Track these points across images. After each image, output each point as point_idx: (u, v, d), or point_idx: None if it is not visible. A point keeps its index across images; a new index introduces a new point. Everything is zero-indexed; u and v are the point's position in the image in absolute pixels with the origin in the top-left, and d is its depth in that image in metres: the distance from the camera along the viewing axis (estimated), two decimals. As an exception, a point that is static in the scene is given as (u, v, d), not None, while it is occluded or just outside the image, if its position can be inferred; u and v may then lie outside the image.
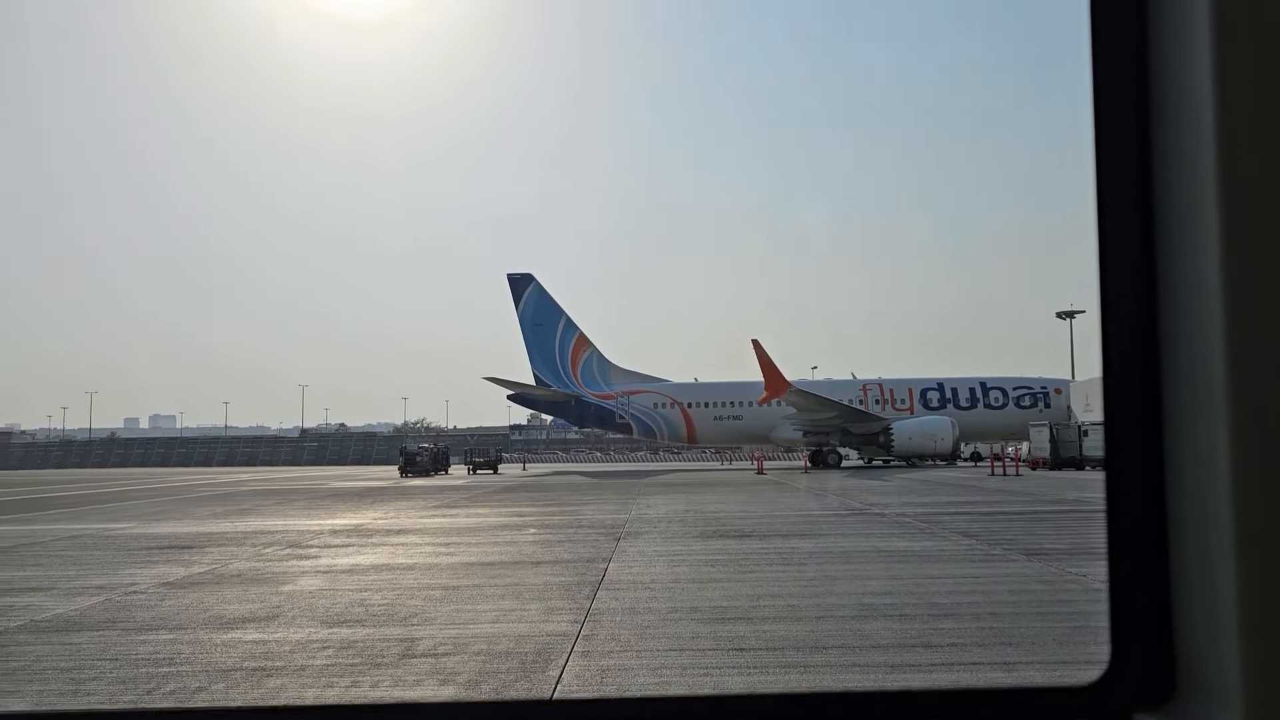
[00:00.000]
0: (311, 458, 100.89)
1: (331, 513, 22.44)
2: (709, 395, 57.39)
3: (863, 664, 6.41)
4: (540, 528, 17.42)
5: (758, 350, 48.35)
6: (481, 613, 8.63)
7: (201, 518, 21.36)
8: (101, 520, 20.97)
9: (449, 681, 6.07)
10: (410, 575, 11.24)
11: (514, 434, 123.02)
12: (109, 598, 9.77)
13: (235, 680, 6.22)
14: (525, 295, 60.27)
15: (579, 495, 28.71)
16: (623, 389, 58.13)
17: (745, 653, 6.78)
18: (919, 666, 6.35)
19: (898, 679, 6.08)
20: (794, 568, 11.49)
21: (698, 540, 14.69)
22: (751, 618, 8.13)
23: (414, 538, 15.87)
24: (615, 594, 9.49)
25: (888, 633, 7.49)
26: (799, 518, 18.98)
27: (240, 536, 16.46)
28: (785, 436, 55.32)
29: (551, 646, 7.05)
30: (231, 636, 7.69)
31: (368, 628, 7.98)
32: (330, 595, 9.79)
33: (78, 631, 8.01)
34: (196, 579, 11.13)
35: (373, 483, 41.42)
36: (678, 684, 5.93)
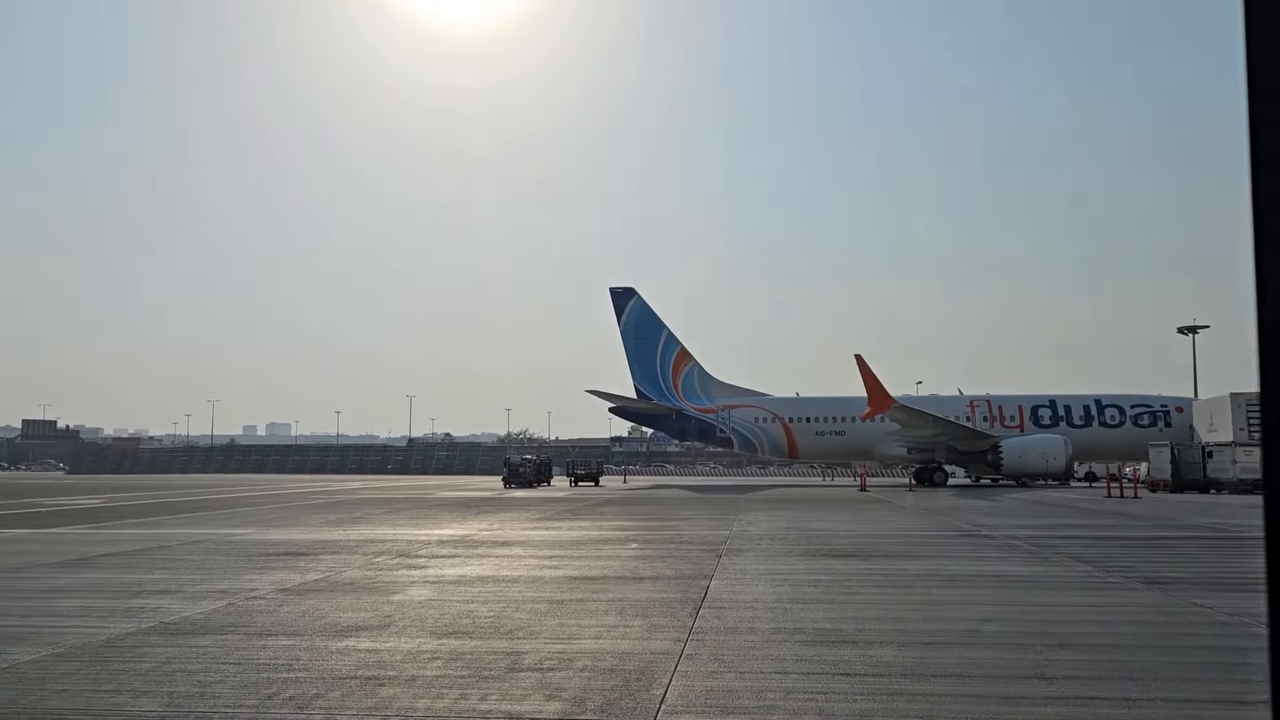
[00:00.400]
0: (418, 466, 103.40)
1: (438, 523, 22.96)
2: (811, 410, 56.76)
3: (974, 694, 6.25)
4: (642, 543, 17.49)
5: (861, 365, 47.65)
6: (585, 628, 8.71)
7: (315, 525, 22.11)
8: (223, 526, 21.91)
9: (555, 697, 6.15)
10: (515, 588, 11.42)
11: (615, 446, 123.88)
12: (231, 602, 10.21)
13: (350, 689, 6.42)
14: (627, 309, 60.73)
15: (680, 510, 28.71)
16: (723, 403, 57.98)
17: (852, 678, 6.68)
18: (1033, 699, 6.15)
19: (1011, 711, 5.91)
20: (900, 590, 11.27)
21: (800, 559, 14.54)
22: (857, 641, 8.00)
23: (518, 550, 16.12)
24: (718, 612, 9.47)
25: (999, 662, 7.28)
26: (904, 538, 18.60)
27: (352, 545, 16.98)
28: (889, 453, 54.34)
29: (655, 665, 7.07)
30: (346, 644, 7.94)
31: (475, 640, 8.14)
32: (439, 606, 10.02)
33: (203, 635, 8.39)
34: (312, 586, 11.53)
35: (477, 493, 42.20)
36: (783, 708, 5.88)
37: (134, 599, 10.47)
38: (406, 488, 50.78)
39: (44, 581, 12.04)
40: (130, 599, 10.47)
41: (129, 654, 7.54)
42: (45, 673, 6.89)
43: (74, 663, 7.22)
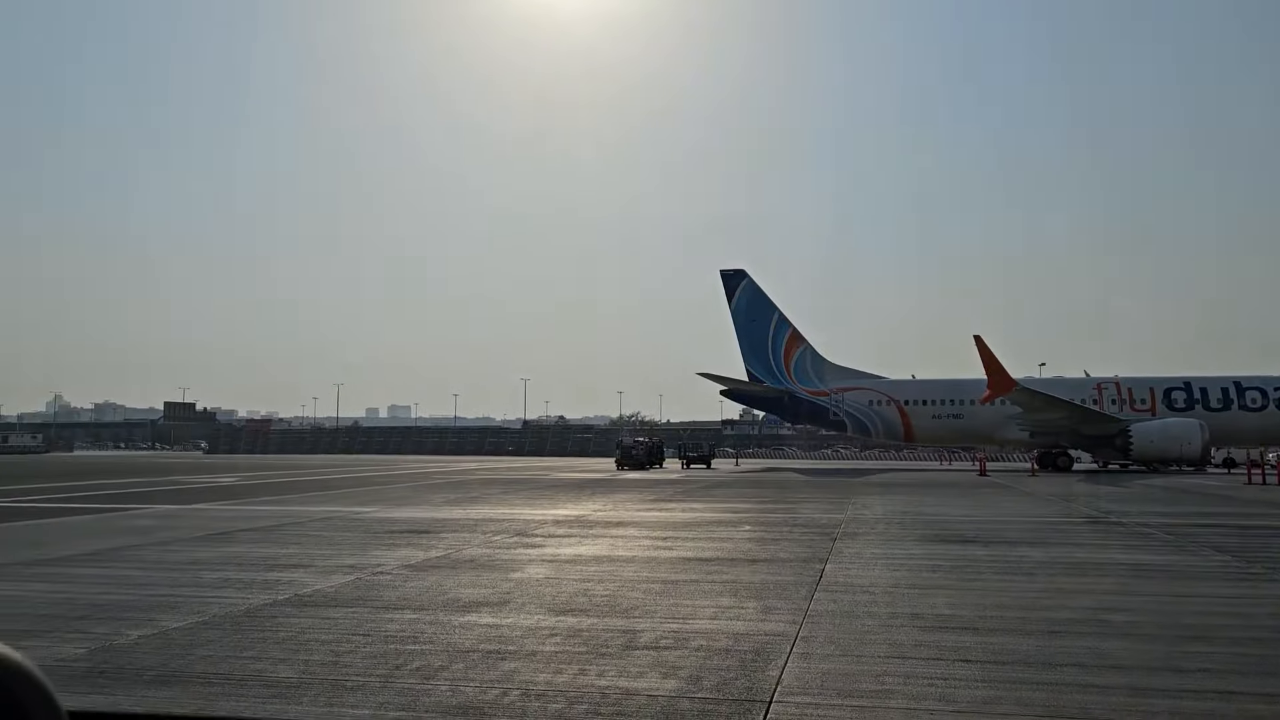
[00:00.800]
0: (533, 448, 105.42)
1: (554, 503, 23.38)
2: (927, 393, 55.46)
3: (1101, 685, 6.04)
4: (755, 525, 17.45)
5: (980, 346, 46.30)
6: (700, 608, 8.76)
7: (436, 504, 22.80)
8: (350, 504, 22.79)
9: (671, 676, 6.22)
10: (630, 568, 11.55)
11: (726, 429, 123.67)
12: (359, 577, 10.63)
13: (473, 661, 6.62)
14: (738, 291, 60.42)
15: (793, 493, 28.52)
16: (836, 385, 57.18)
17: (972, 664, 6.54)
18: (1166, 691, 5.91)
19: (1142, 704, 5.70)
20: (1023, 578, 10.96)
21: (918, 544, 14.27)
22: (977, 628, 7.83)
23: (633, 530, 16.29)
24: (833, 596, 9.39)
25: (1128, 653, 7.01)
26: (1027, 523, 18.05)
27: (471, 523, 17.45)
28: (1010, 437, 52.69)
29: (770, 646, 7.07)
30: (468, 619, 8.18)
31: (592, 617, 8.28)
32: (556, 584, 10.23)
33: (334, 607, 8.77)
34: (434, 562, 11.91)
35: (591, 474, 42.76)
36: (902, 693, 5.81)
37: (270, 572, 11.01)
38: (522, 469, 51.84)
39: (189, 554, 12.77)
40: (266, 572, 11.01)
41: (267, 624, 7.94)
42: (192, 639, 7.32)
43: (217, 630, 7.65)
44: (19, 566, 11.44)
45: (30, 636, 7.35)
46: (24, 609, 8.59)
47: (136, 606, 8.70)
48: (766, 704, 5.55)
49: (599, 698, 5.72)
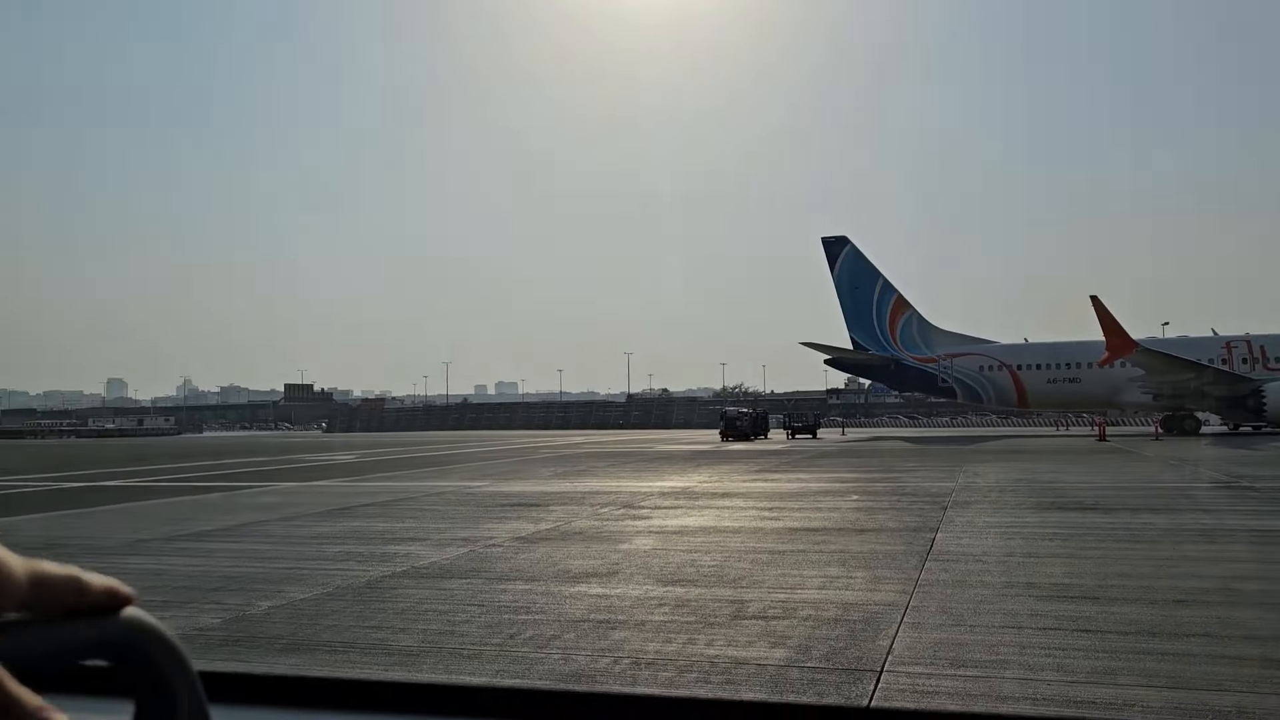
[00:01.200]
0: (637, 421, 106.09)
1: (659, 475, 23.54)
2: (1041, 356, 53.60)
3: (1232, 655, 5.81)
4: (863, 495, 17.25)
5: (1098, 307, 44.46)
6: (808, 578, 8.73)
7: (544, 478, 23.21)
8: (461, 479, 23.40)
9: (780, 645, 6.23)
10: (737, 538, 11.58)
11: (831, 398, 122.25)
12: (473, 549, 10.93)
13: (583, 631, 6.76)
14: (840, 258, 59.41)
15: (901, 461, 28.05)
16: (945, 351, 55.81)
17: (1092, 634, 6.36)
18: (1303, 663, 5.65)
19: (1276, 675, 5.46)
20: (1146, 545, 10.57)
21: (1033, 512, 13.90)
22: (1098, 598, 7.60)
23: (739, 501, 16.30)
24: (944, 565, 9.24)
25: (1262, 623, 6.71)
26: (1150, 490, 17.37)
27: (579, 496, 17.72)
28: (1132, 400, 50.59)
29: (880, 616, 7.01)
30: (578, 590, 8.34)
31: (700, 588, 8.34)
32: (663, 555, 10.33)
33: (450, 578, 9.05)
34: (544, 534, 12.16)
35: (695, 446, 42.86)
36: (1017, 663, 5.70)
37: (388, 545, 11.41)
38: (627, 441, 52.32)
39: (312, 529, 13.32)
40: (385, 545, 11.42)
41: (387, 594, 8.25)
42: (318, 609, 7.66)
43: (341, 601, 7.98)
44: (159, 542, 12.12)
45: (171, 607, 7.80)
46: (164, 581, 9.12)
47: (266, 579, 9.14)
48: (877, 673, 5.52)
49: (708, 666, 5.77)
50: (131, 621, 0.65)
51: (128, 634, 0.65)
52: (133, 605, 0.66)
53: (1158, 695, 5.08)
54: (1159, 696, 5.05)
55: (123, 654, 0.65)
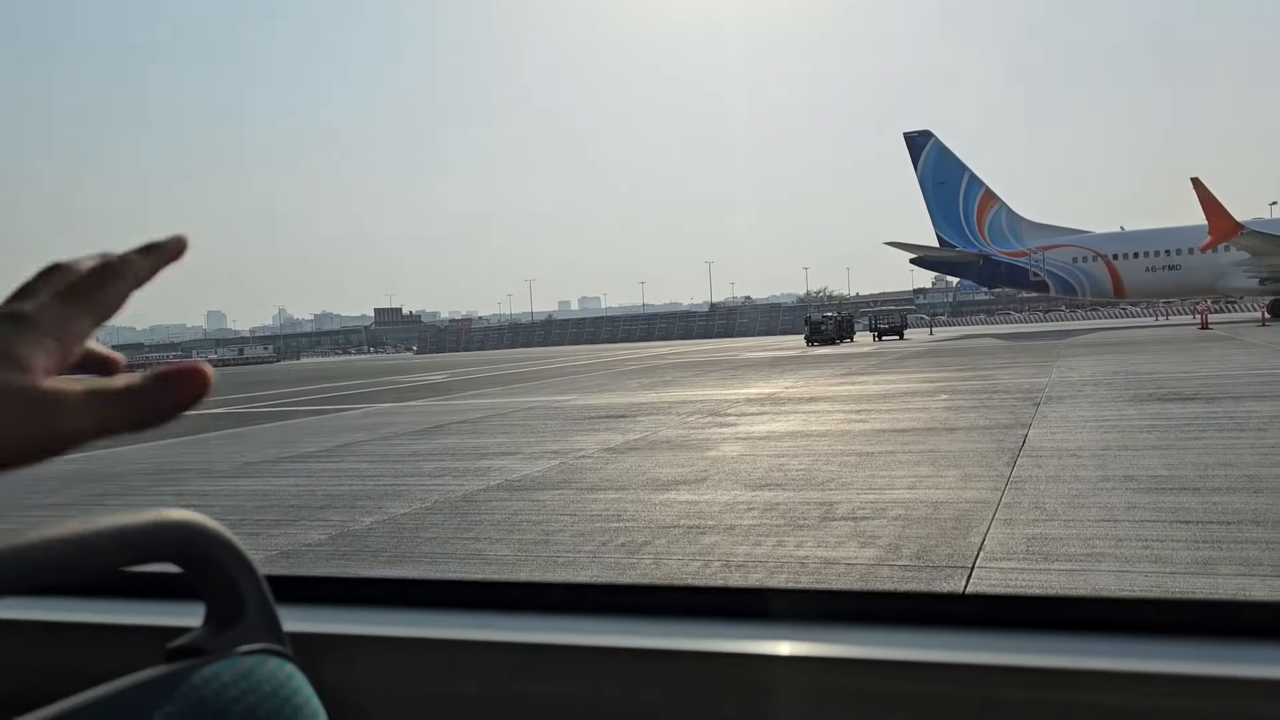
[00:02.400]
0: (721, 330, 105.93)
1: (745, 382, 23.56)
2: (1138, 245, 51.55)
3: (1342, 543, 5.64)
4: (952, 394, 17.01)
5: (1199, 189, 42.36)
6: (896, 479, 8.71)
7: (631, 389, 23.46)
8: (549, 394, 23.80)
9: (869, 545, 6.26)
10: (824, 442, 11.58)
11: (918, 298, 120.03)
12: (563, 461, 11.17)
13: (674, 536, 6.89)
14: (924, 154, 57.60)
15: (991, 359, 27.52)
16: (1036, 244, 54.10)
17: (1192, 525, 6.23)
18: None
19: (1390, 561, 5.30)
20: (1250, 434, 10.22)
21: (1129, 405, 13.54)
22: (1199, 489, 7.42)
23: (824, 405, 16.25)
24: (1037, 461, 9.10)
25: (1376, 508, 6.49)
26: (1256, 377, 16.72)
27: (666, 406, 17.88)
28: (1237, 285, 48.46)
29: (971, 513, 6.97)
30: (667, 497, 8.48)
31: (788, 491, 8.40)
32: (750, 460, 10.40)
33: (542, 490, 9.28)
34: (633, 445, 12.33)
35: (780, 353, 42.69)
36: (1114, 556, 5.63)
37: (481, 460, 11.74)
38: (711, 351, 52.35)
39: (409, 447, 13.76)
40: (478, 460, 11.75)
41: (482, 507, 8.52)
42: (419, 523, 7.96)
43: (439, 515, 8.27)
44: (267, 464, 12.68)
45: (280, 525, 8.20)
46: (273, 501, 9.56)
47: (367, 495, 9.51)
48: (969, 570, 5.52)
49: (798, 567, 5.85)
50: (192, 525, 0.69)
51: (189, 537, 0.69)
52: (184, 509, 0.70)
53: (1261, 584, 4.97)
54: (1264, 585, 4.95)
55: (187, 558, 0.69)
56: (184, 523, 0.68)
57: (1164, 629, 0.92)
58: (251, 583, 0.72)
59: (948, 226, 57.06)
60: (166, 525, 0.67)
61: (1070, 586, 5.17)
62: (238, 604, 0.71)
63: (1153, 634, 0.91)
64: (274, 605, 0.74)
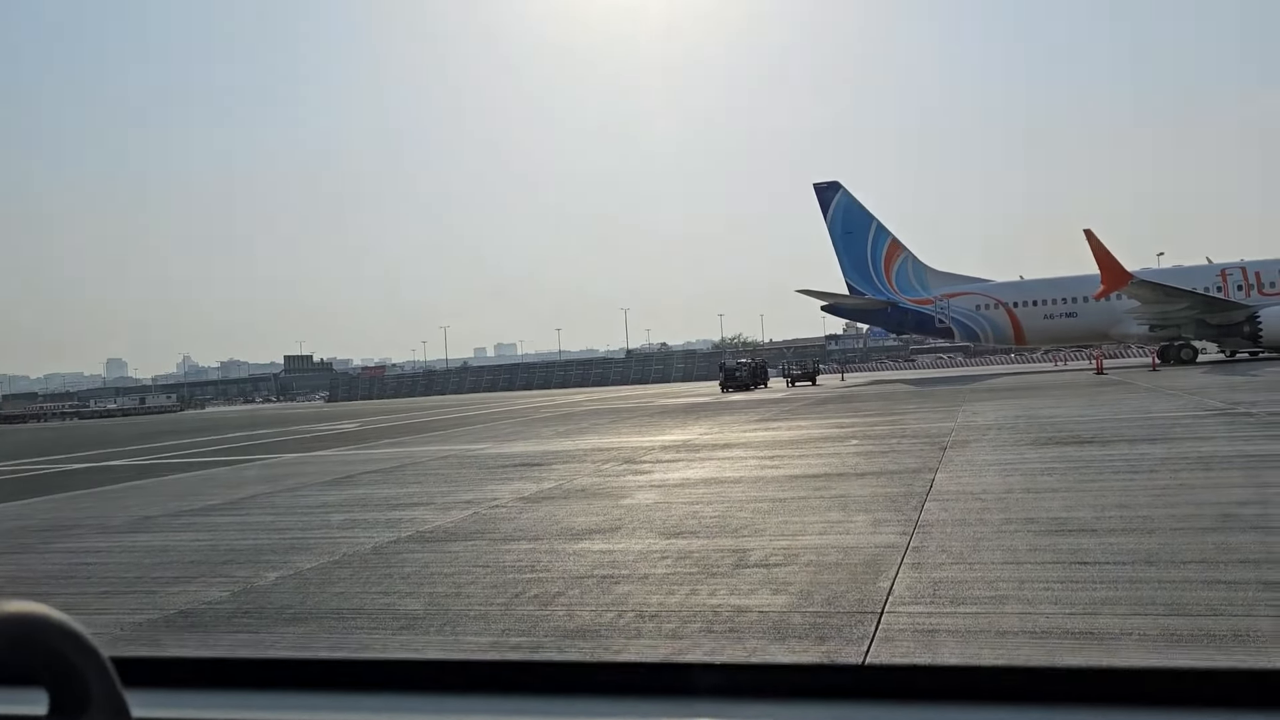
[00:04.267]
0: (637, 377, 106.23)
1: (660, 429, 23.63)
2: (1037, 293, 53.53)
3: (1229, 580, 5.88)
4: (863, 439, 17.33)
5: (1091, 240, 44.35)
6: (809, 524, 8.81)
7: (546, 437, 23.31)
8: (464, 442, 23.50)
9: (781, 591, 6.30)
10: (738, 488, 11.66)
11: (830, 344, 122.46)
12: (477, 511, 11.01)
13: (588, 587, 6.82)
14: (833, 204, 59.07)
15: (901, 404, 28.16)
16: (941, 292, 55.70)
17: (1090, 566, 6.43)
18: (1299, 584, 5.72)
19: (1274, 597, 5.54)
20: (1143, 476, 10.64)
21: (1031, 448, 13.98)
22: (1096, 530, 7.67)
23: (739, 451, 16.38)
24: (944, 505, 9.31)
25: (1258, 546, 6.78)
26: (1147, 420, 17.45)
27: (581, 454, 17.81)
28: (1129, 332, 50.62)
29: (881, 558, 7.08)
30: (581, 546, 8.41)
31: (702, 539, 8.42)
32: (665, 508, 10.40)
33: (455, 541, 9.12)
34: (547, 494, 12.23)
35: (696, 399, 42.99)
36: (1017, 598, 5.77)
37: (392, 511, 11.49)
38: (627, 397, 52.43)
39: (317, 498, 13.40)
40: (389, 511, 11.50)
41: (393, 560, 8.32)
42: (325, 577, 7.73)
43: (347, 569, 8.05)
44: (167, 518, 12.20)
45: (180, 583, 7.88)
46: (173, 557, 9.19)
47: (273, 550, 9.21)
48: (878, 615, 5.59)
49: (711, 616, 5.84)
50: (32, 617, 0.67)
51: (28, 630, 0.66)
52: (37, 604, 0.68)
53: (1154, 623, 5.14)
54: (1155, 624, 5.12)
55: (30, 649, 0.67)
56: (23, 615, 0.66)
57: (1077, 697, 0.93)
58: (97, 671, 0.69)
59: (857, 275, 58.46)
60: (5, 618, 0.64)
61: (977, 628, 5.27)
62: (82, 694, 0.68)
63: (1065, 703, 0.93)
64: (122, 693, 0.71)
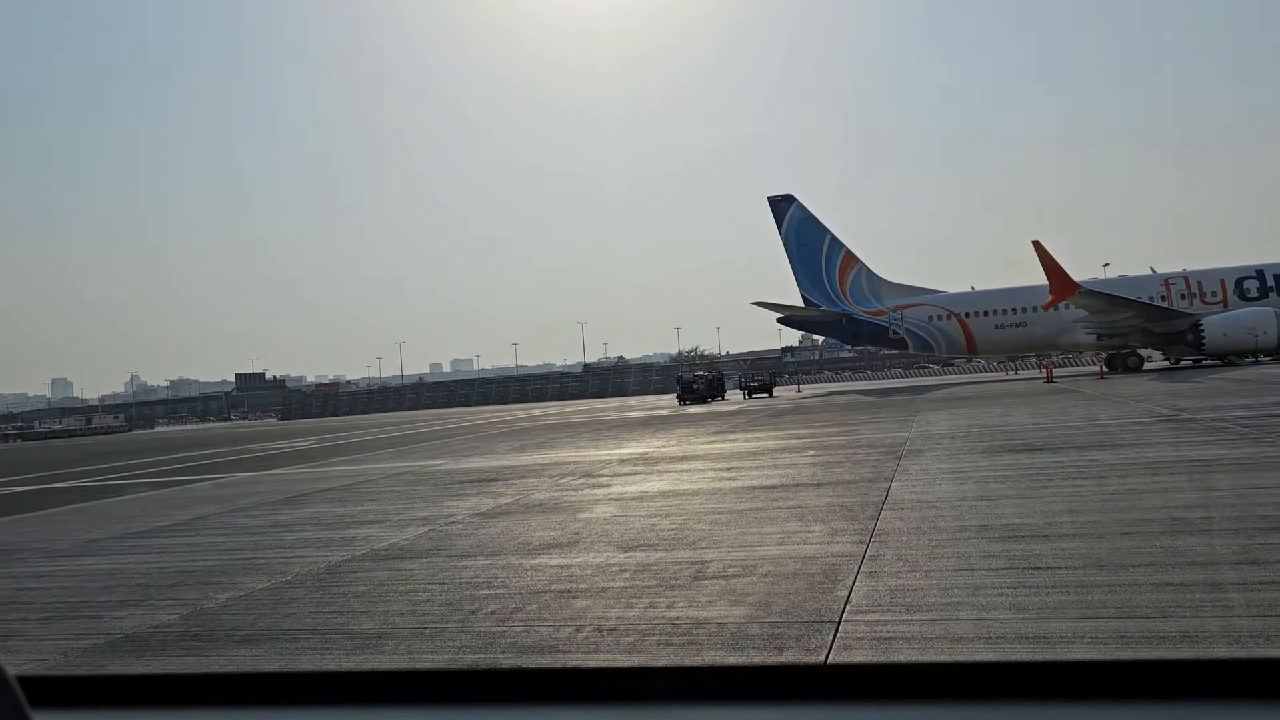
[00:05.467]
0: (595, 390, 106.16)
1: (618, 442, 23.60)
2: (988, 303, 54.38)
3: (1177, 582, 5.98)
4: (819, 449, 17.44)
5: (1039, 251, 45.19)
6: (766, 535, 8.83)
7: (504, 452, 23.17)
8: (420, 458, 23.27)
9: (740, 603, 6.30)
10: (696, 500, 11.66)
11: (786, 356, 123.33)
12: (432, 528, 10.90)
13: (545, 602, 6.78)
14: (787, 216, 59.58)
15: (856, 415, 28.40)
16: (895, 303, 56.38)
17: (1042, 571, 6.52)
18: (1244, 584, 5.84)
19: (1219, 598, 5.65)
20: (1093, 482, 10.82)
21: (984, 456, 14.16)
22: (1047, 535, 7.78)
23: (697, 464, 16.40)
24: (899, 514, 9.39)
25: (1204, 548, 6.93)
26: (1095, 427, 17.77)
27: (539, 468, 17.72)
28: (1076, 341, 51.58)
29: (838, 568, 7.11)
30: (539, 561, 8.36)
31: (660, 551, 8.40)
32: (623, 521, 10.37)
33: (410, 559, 9.01)
34: (504, 509, 12.14)
35: (654, 412, 43.01)
36: (971, 604, 5.83)
37: (347, 529, 11.34)
38: (585, 411, 52.32)
39: (269, 518, 13.19)
40: (343, 529, 11.34)
41: (347, 579, 8.20)
42: (277, 598, 7.60)
43: (300, 589, 7.92)
44: (114, 540, 11.93)
45: (126, 606, 7.69)
46: (120, 580, 8.98)
47: (223, 571, 9.04)
48: (835, 624, 5.61)
49: (670, 628, 5.82)
50: None
51: None
52: None
53: (1105, 625, 5.22)
54: (1107, 627, 5.20)
55: None
56: None
57: (1032, 693, 0.93)
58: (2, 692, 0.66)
59: (811, 287, 58.95)
60: None
61: (932, 635, 5.31)
62: None
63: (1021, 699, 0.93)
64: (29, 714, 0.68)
